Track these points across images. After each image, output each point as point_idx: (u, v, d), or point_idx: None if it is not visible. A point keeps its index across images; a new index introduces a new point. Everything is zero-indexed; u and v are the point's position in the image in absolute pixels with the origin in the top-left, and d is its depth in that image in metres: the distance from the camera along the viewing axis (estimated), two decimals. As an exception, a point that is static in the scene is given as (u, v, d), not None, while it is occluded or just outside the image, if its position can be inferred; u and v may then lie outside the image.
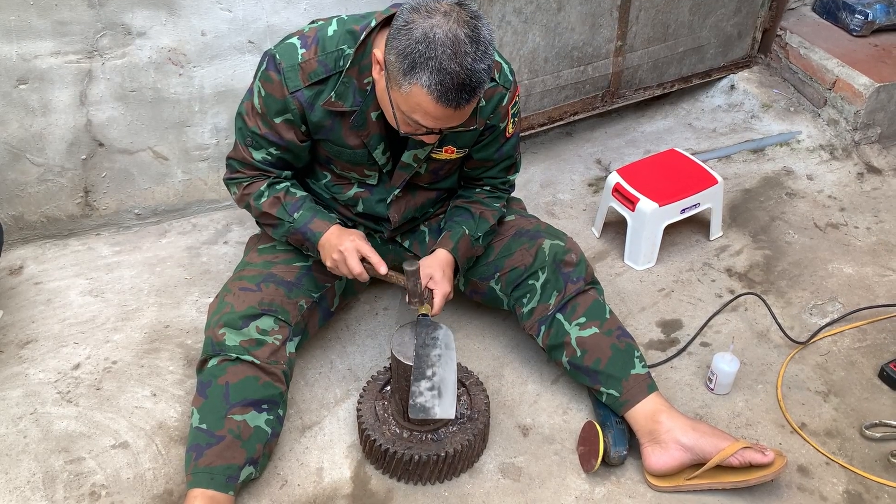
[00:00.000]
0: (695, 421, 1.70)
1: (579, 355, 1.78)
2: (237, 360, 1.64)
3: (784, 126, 2.90)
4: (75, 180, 2.26)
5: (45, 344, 2.00)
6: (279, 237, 1.79)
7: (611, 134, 2.95)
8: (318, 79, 1.59)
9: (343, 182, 1.83)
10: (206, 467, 1.56)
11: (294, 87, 1.59)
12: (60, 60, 2.06)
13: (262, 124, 1.66)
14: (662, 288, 2.23)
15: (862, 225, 2.49)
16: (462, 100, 1.40)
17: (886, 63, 2.83)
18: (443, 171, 1.83)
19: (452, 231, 1.81)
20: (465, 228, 1.81)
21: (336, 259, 1.66)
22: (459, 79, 1.37)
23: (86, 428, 1.79)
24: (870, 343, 2.05)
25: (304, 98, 1.61)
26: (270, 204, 1.73)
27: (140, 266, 2.26)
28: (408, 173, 1.77)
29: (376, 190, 1.82)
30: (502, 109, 1.72)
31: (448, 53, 1.36)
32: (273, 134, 1.67)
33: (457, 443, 1.67)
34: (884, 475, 1.72)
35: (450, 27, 1.36)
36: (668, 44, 2.82)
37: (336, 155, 1.74)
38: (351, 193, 1.83)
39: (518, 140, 1.85)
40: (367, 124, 1.65)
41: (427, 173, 1.81)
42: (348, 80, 1.60)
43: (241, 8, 2.16)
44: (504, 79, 1.69)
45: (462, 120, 1.49)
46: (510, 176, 1.92)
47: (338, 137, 1.69)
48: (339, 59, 1.59)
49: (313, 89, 1.61)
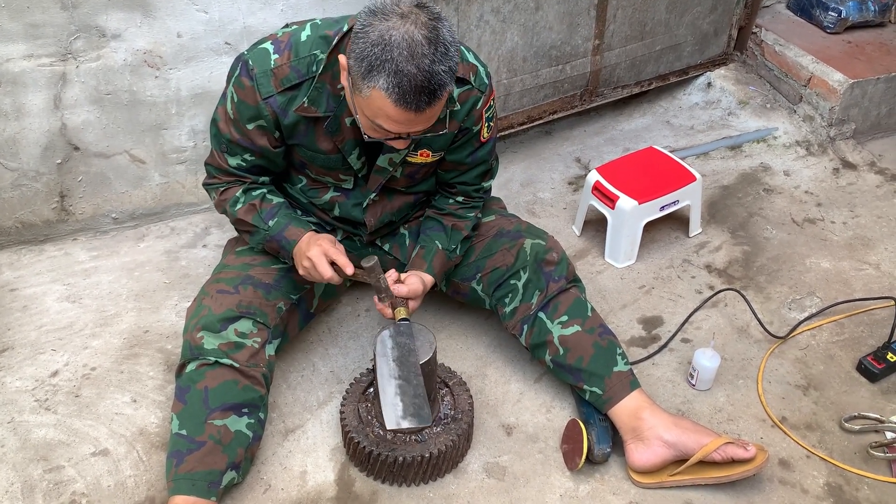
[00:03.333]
0: (677, 417, 1.71)
1: (562, 354, 1.78)
2: (216, 364, 1.62)
3: (761, 123, 2.93)
4: (50, 185, 2.23)
5: (21, 351, 1.97)
6: (255, 244, 1.78)
7: (590, 132, 2.96)
8: (291, 84, 1.58)
9: (319, 186, 1.82)
10: (188, 473, 1.54)
11: (266, 93, 1.58)
12: (33, 63, 2.03)
13: (234, 131, 1.65)
14: (643, 285, 2.25)
15: (838, 220, 2.52)
16: (422, 102, 1.38)
17: (860, 59, 2.87)
18: (419, 174, 1.82)
19: (426, 248, 1.81)
20: (437, 244, 1.81)
21: (307, 267, 1.65)
22: (417, 81, 1.35)
23: (65, 436, 1.77)
24: (848, 337, 2.08)
25: (276, 104, 1.60)
26: (246, 211, 1.72)
27: (118, 271, 2.24)
28: (383, 177, 1.76)
29: (352, 194, 1.81)
30: (476, 113, 1.71)
31: (405, 55, 1.34)
32: (246, 140, 1.66)
33: (441, 443, 1.67)
34: (863, 467, 1.74)
35: (406, 29, 1.35)
36: (645, 42, 2.83)
37: (310, 160, 1.73)
38: (327, 198, 1.82)
39: (494, 145, 1.84)
40: (341, 129, 1.64)
41: (403, 177, 1.80)
42: (321, 86, 1.59)
43: (217, 9, 2.14)
44: (479, 82, 1.68)
45: (428, 123, 1.47)
46: (485, 183, 1.90)
47: (311, 142, 1.68)
48: (311, 65, 1.57)
49: (286, 95, 1.59)
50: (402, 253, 1.94)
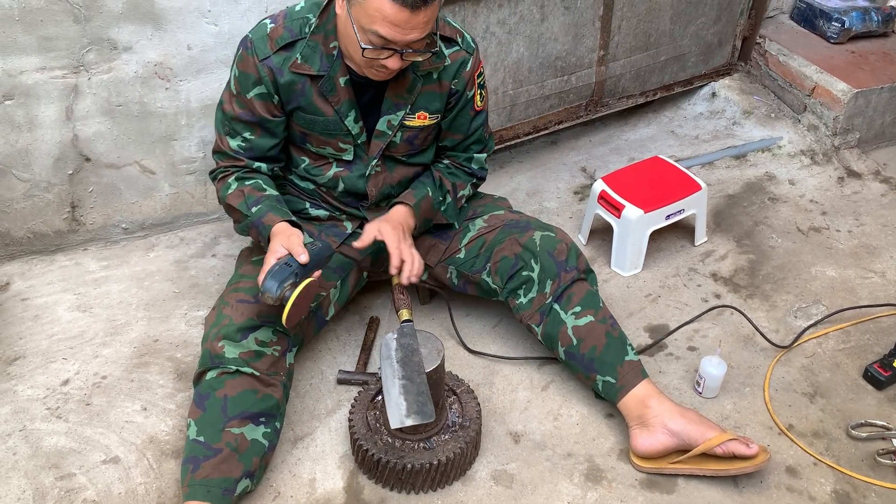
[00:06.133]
0: (683, 408, 1.73)
1: (575, 344, 1.80)
2: (236, 373, 1.64)
3: (765, 132, 2.95)
4: (62, 195, 2.25)
5: (33, 360, 1.99)
6: (240, 231, 1.83)
7: (595, 142, 2.98)
8: (285, 43, 1.69)
9: (321, 163, 1.87)
10: (203, 480, 1.56)
11: (263, 54, 1.70)
12: (46, 76, 2.06)
13: (236, 105, 1.75)
14: (649, 293, 2.26)
15: (843, 228, 2.52)
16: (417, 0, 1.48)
17: (863, 69, 2.88)
18: (418, 139, 1.88)
19: (416, 190, 1.90)
20: (428, 190, 1.90)
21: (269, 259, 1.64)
22: None
23: (76, 443, 1.78)
24: (854, 344, 2.08)
25: (273, 64, 1.71)
26: (234, 196, 1.78)
27: (128, 280, 2.26)
28: (383, 142, 1.83)
29: (355, 167, 1.87)
30: (466, 75, 1.82)
31: None
32: (247, 113, 1.75)
33: (449, 451, 1.68)
34: (870, 474, 1.74)
35: None
36: (649, 52, 2.85)
37: (309, 126, 1.79)
38: (330, 174, 1.88)
39: (486, 119, 1.95)
40: (336, 90, 1.73)
41: (402, 143, 1.86)
42: (314, 44, 1.70)
43: (227, 22, 2.17)
44: (466, 44, 1.81)
45: (422, 32, 1.55)
46: (479, 154, 1.99)
47: (309, 103, 1.75)
48: (304, 26, 1.70)
49: (281, 55, 1.70)
50: None
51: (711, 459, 1.68)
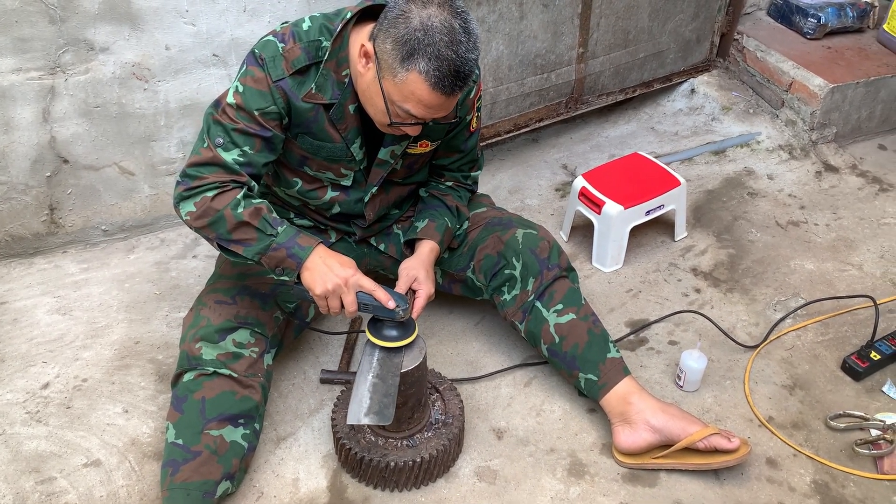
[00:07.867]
0: (665, 404, 1.75)
1: (558, 342, 1.81)
2: (214, 375, 1.63)
3: (744, 127, 2.97)
4: (40, 198, 2.24)
5: (12, 364, 1.97)
6: (252, 255, 1.57)
7: (576, 139, 3.00)
8: (302, 66, 1.58)
9: (316, 186, 1.80)
10: (183, 483, 1.55)
11: (277, 75, 1.57)
12: (22, 77, 2.04)
13: (239, 117, 1.57)
14: (630, 289, 2.27)
15: (821, 222, 2.55)
16: (456, 87, 1.46)
17: (839, 64, 2.91)
18: (416, 164, 1.87)
19: (437, 222, 1.85)
20: (447, 220, 1.86)
21: (331, 290, 1.54)
22: (455, 66, 1.43)
23: (56, 447, 1.77)
24: (832, 336, 2.11)
25: (288, 87, 1.59)
26: (251, 214, 1.56)
27: (108, 283, 2.24)
28: (384, 170, 1.79)
29: (352, 191, 1.82)
30: (469, 102, 1.78)
31: (445, 41, 1.41)
32: (251, 125, 1.58)
33: (432, 448, 1.68)
34: (849, 464, 1.76)
35: (445, 17, 1.42)
36: (628, 50, 2.87)
37: (314, 151, 1.71)
38: (327, 198, 1.82)
39: (478, 137, 1.93)
40: (345, 117, 1.66)
41: (402, 168, 1.84)
42: (326, 73, 1.61)
43: (205, 21, 2.16)
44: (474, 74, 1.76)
45: (450, 110, 1.54)
46: (473, 172, 1.99)
47: (320, 130, 1.67)
48: (318, 49, 1.59)
49: (296, 79, 1.59)
50: (397, 252, 1.96)
51: (694, 454, 1.70)
